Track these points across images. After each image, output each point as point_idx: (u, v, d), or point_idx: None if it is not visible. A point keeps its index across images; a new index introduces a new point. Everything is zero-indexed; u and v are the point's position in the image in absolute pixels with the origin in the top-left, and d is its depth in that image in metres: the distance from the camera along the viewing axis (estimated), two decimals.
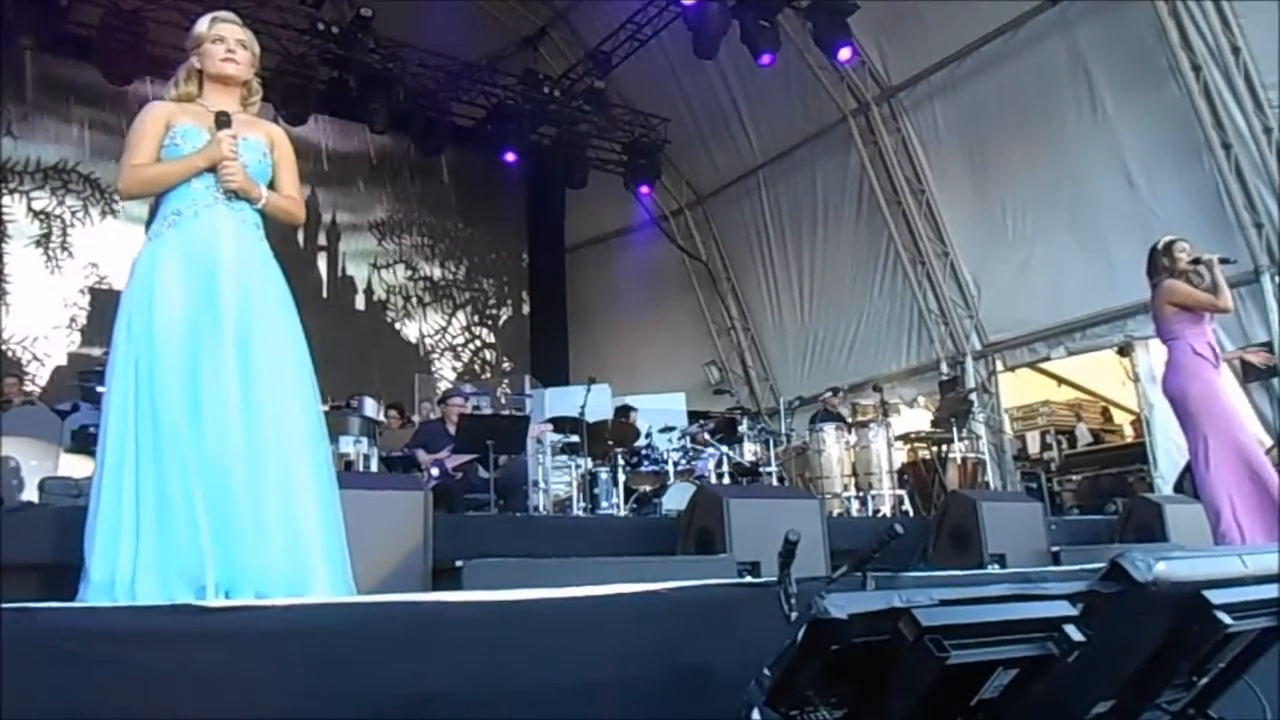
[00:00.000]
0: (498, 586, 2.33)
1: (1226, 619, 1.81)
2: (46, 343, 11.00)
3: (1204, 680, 2.04)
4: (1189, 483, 6.67)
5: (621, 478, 7.80)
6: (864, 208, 11.86)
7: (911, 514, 8.29)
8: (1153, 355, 8.95)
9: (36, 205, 11.23)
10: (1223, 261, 5.04)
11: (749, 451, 8.83)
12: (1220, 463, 4.67)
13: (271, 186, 2.89)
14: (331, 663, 1.79)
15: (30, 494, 6.15)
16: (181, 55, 2.94)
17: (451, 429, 7.45)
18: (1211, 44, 8.47)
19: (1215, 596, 1.82)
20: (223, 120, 2.76)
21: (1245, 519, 4.59)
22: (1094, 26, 9.32)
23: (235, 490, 2.47)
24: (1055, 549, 5.21)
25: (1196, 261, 5.01)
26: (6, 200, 11.05)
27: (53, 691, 1.52)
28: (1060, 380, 12.01)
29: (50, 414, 7.67)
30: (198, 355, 2.56)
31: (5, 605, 1.58)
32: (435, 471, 7.17)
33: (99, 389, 5.31)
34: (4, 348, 10.73)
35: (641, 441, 8.50)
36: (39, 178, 11.27)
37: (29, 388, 10.13)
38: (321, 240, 13.22)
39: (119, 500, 2.47)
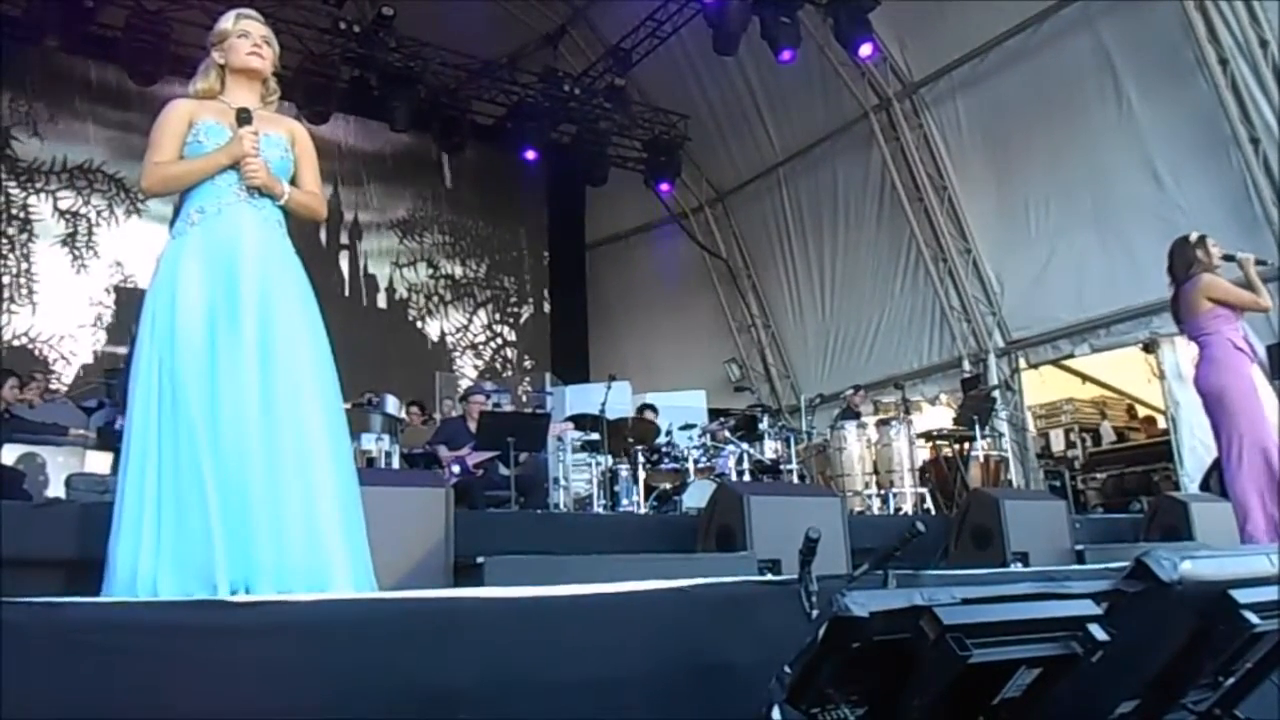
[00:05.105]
0: (518, 583, 2.34)
1: (1253, 618, 1.79)
2: (72, 341, 11.12)
3: (1230, 680, 2.02)
4: (1215, 481, 6.60)
5: (642, 475, 7.79)
6: (885, 204, 11.80)
7: (933, 512, 8.23)
8: (1179, 352, 8.85)
9: (62, 205, 11.35)
10: (1259, 263, 4.98)
11: (770, 449, 8.79)
12: (1251, 460, 4.60)
13: (293, 183, 2.90)
14: (354, 658, 1.80)
15: (57, 490, 6.22)
16: (204, 54, 2.96)
17: (472, 426, 7.47)
18: (1239, 37, 8.37)
19: (1242, 596, 1.80)
20: (244, 117, 2.77)
21: (1275, 517, 4.53)
22: (1119, 20, 9.23)
23: (252, 488, 2.48)
24: (1079, 548, 5.16)
25: (1229, 259, 4.94)
26: (33, 200, 11.18)
27: (78, 684, 1.54)
28: (1084, 378, 11.91)
29: (77, 410, 7.77)
30: (217, 353, 2.57)
31: (33, 599, 1.60)
32: (456, 468, 7.20)
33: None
34: (31, 346, 10.85)
35: (662, 439, 8.49)
36: (64, 177, 11.38)
37: (55, 386, 10.25)
38: (343, 239, 13.29)
39: (141, 496, 2.49)
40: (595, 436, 8.31)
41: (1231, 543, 4.69)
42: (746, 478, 8.17)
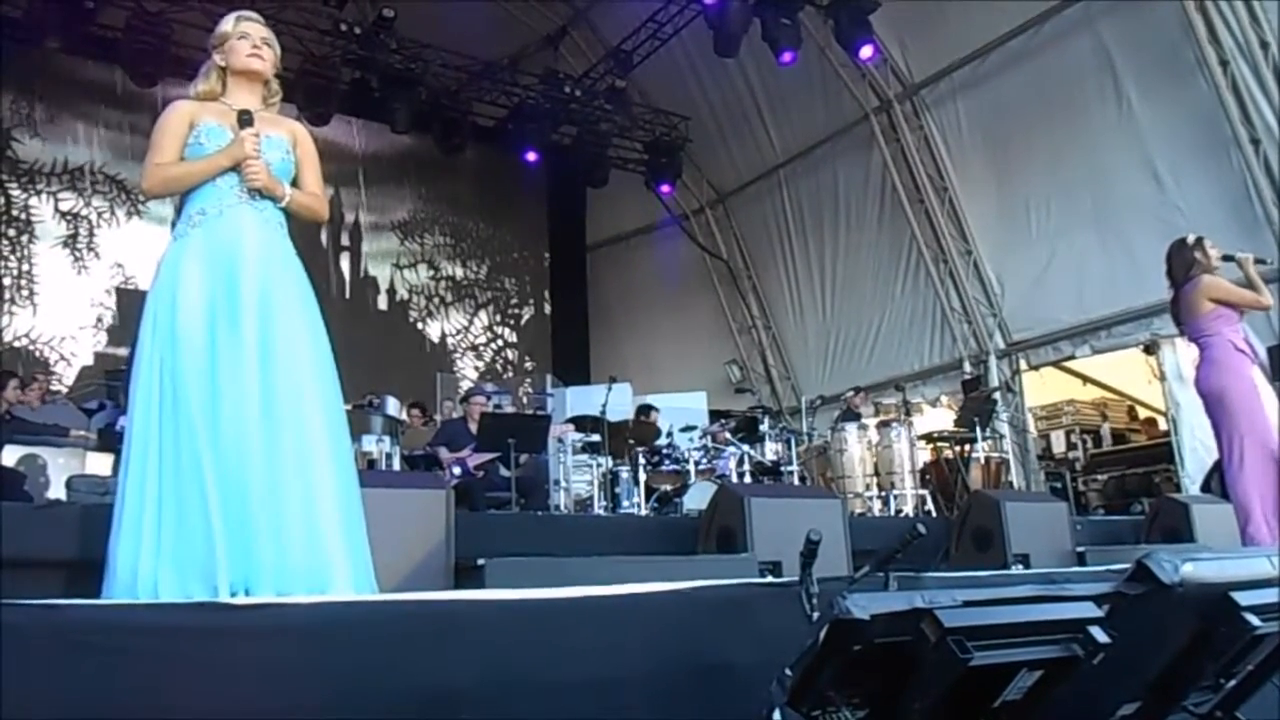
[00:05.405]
0: (519, 585, 2.34)
1: (1254, 620, 1.79)
2: (73, 342, 11.12)
3: (1231, 682, 2.02)
4: (1216, 482, 6.60)
5: (642, 477, 7.79)
6: (886, 206, 11.81)
7: (934, 514, 8.23)
8: (1180, 353, 8.85)
9: (63, 206, 11.35)
10: (1258, 262, 4.97)
11: (770, 451, 8.79)
12: (1253, 462, 4.60)
13: (295, 184, 2.90)
14: (355, 660, 1.80)
15: (58, 491, 6.22)
16: (205, 56, 2.96)
17: (473, 428, 7.47)
18: (1240, 38, 8.38)
19: (1243, 598, 1.80)
20: (245, 119, 2.77)
21: (1275, 519, 4.52)
22: (1119, 22, 9.23)
23: (252, 488, 2.48)
24: (1080, 550, 5.16)
25: (1228, 259, 4.93)
26: (34, 201, 11.18)
27: (79, 686, 1.54)
28: (1085, 379, 11.91)
29: (77, 411, 7.77)
30: (218, 353, 2.58)
31: (33, 601, 1.60)
32: (457, 470, 7.20)
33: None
34: (32, 348, 10.85)
35: (662, 440, 8.49)
36: (65, 179, 11.39)
37: (55, 387, 10.25)
38: (344, 240, 13.30)
39: (142, 497, 2.49)
40: (596, 438, 8.31)
41: (1233, 544, 4.68)
42: (747, 479, 8.17)
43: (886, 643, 1.50)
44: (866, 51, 10.53)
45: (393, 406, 8.78)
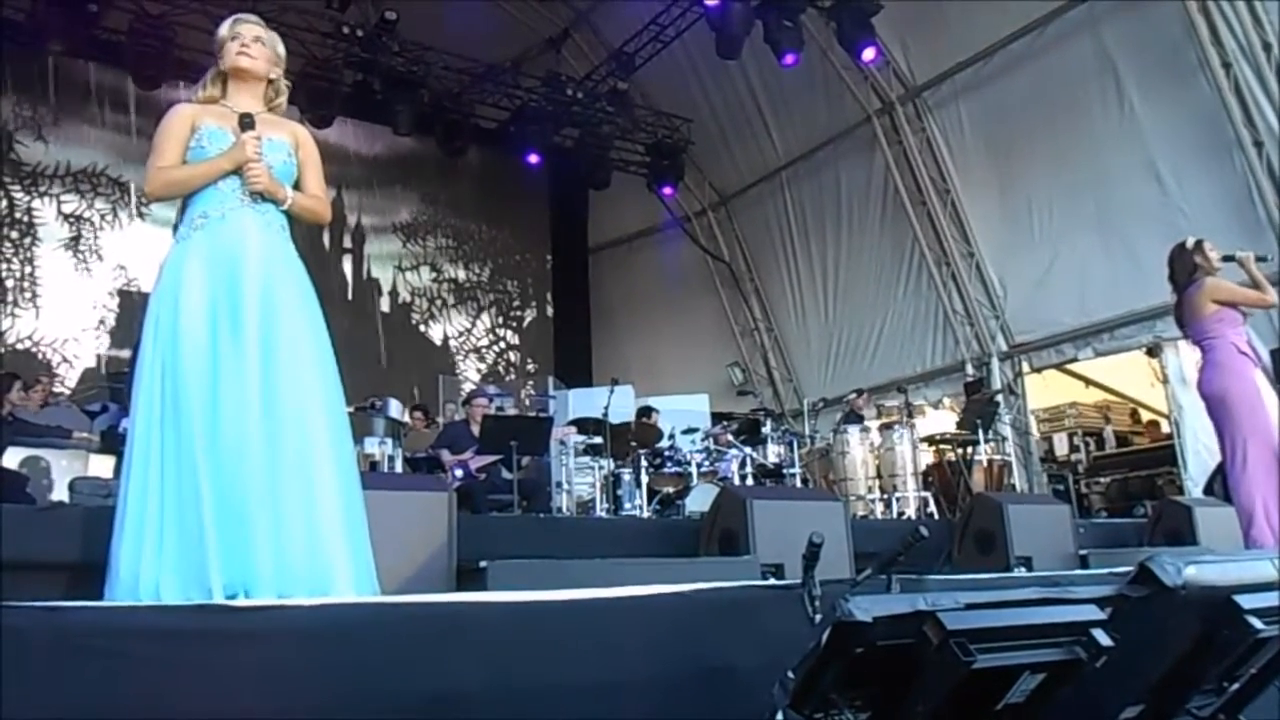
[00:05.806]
0: (521, 587, 2.34)
1: (1258, 624, 1.79)
2: (76, 345, 11.12)
3: (1234, 686, 2.01)
4: (1219, 485, 6.59)
5: (644, 479, 7.79)
6: (888, 208, 11.80)
7: (936, 516, 8.23)
8: (1183, 356, 8.84)
9: (66, 208, 11.35)
10: (1258, 260, 4.97)
11: (772, 453, 8.79)
12: (1255, 464, 4.59)
13: (297, 186, 2.91)
14: (357, 662, 1.80)
15: (60, 493, 6.22)
16: (208, 59, 2.98)
17: (475, 430, 7.47)
18: (1242, 40, 8.36)
19: (1246, 601, 1.80)
20: (246, 122, 2.78)
21: (1278, 521, 4.52)
22: (1122, 24, 9.22)
23: (251, 491, 2.48)
24: (1083, 552, 5.16)
25: (1228, 259, 4.93)
26: (36, 203, 11.19)
27: (80, 689, 1.54)
28: (1088, 381, 11.89)
29: (80, 414, 7.78)
30: (220, 355, 2.58)
31: (35, 604, 1.60)
32: (459, 472, 7.20)
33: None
34: (35, 350, 10.87)
35: (664, 443, 8.49)
36: (68, 181, 11.39)
37: (58, 389, 10.26)
38: (346, 243, 13.30)
39: (144, 500, 2.49)
40: (598, 440, 8.31)
41: (1236, 547, 4.68)
42: (749, 481, 8.17)
43: (889, 645, 1.50)
44: (869, 54, 10.52)
45: (395, 409, 8.78)
